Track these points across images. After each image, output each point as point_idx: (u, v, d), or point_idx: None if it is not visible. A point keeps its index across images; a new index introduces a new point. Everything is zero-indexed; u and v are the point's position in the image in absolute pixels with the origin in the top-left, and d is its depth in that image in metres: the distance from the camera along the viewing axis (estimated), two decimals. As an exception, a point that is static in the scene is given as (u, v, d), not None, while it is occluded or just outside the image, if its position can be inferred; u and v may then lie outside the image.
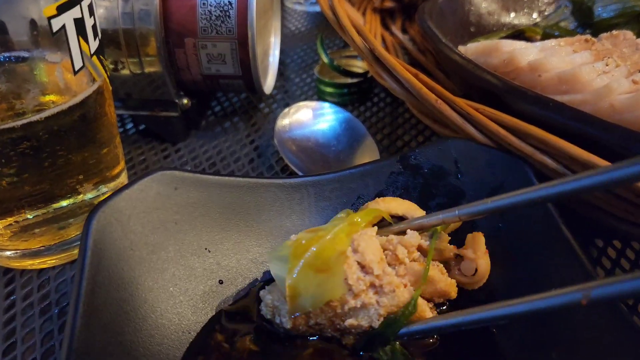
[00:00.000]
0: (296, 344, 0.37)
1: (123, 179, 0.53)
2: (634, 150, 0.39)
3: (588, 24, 0.71)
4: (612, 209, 0.42)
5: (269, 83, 0.69)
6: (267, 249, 0.43)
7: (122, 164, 0.52)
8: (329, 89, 0.71)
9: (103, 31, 0.56)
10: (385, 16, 0.83)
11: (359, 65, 0.75)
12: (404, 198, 0.44)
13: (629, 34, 0.59)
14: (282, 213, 0.44)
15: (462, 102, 0.47)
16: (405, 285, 0.36)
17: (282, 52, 0.81)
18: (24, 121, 0.39)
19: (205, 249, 0.42)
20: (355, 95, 0.72)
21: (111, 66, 0.59)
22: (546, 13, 0.74)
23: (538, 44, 0.55)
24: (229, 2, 0.57)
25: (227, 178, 0.44)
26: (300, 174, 0.53)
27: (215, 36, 0.58)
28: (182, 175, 0.43)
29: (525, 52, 0.52)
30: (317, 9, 1.03)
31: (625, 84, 0.48)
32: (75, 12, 0.41)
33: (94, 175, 0.47)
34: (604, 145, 0.41)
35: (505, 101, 0.46)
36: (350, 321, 0.35)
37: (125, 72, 0.59)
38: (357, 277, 0.35)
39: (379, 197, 0.44)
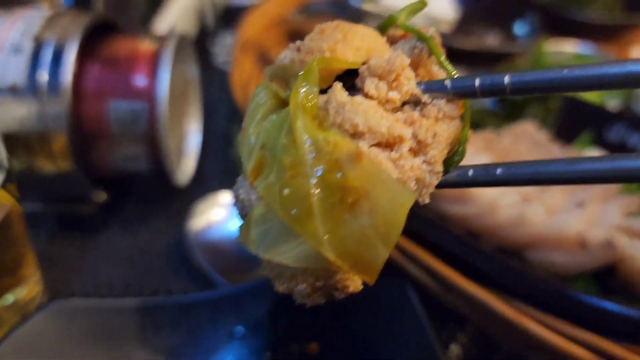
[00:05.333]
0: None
1: (35, 287, 0.56)
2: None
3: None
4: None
5: (187, 170, 0.74)
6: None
7: (32, 273, 0.56)
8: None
9: (15, 135, 0.60)
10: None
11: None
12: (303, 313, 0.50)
13: (529, 128, 0.65)
14: (181, 337, 0.49)
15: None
16: (437, 119, 0.31)
17: (206, 120, 0.84)
18: None
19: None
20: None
21: (23, 167, 0.62)
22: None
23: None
24: (140, 106, 0.61)
25: (121, 301, 0.49)
26: (217, 279, 0.58)
27: (127, 138, 0.62)
28: (78, 304, 0.48)
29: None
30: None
31: (512, 197, 0.54)
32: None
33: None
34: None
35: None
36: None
37: (40, 172, 0.63)
38: (395, 164, 0.30)
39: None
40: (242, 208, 0.32)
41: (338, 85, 0.30)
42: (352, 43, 0.32)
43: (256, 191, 0.30)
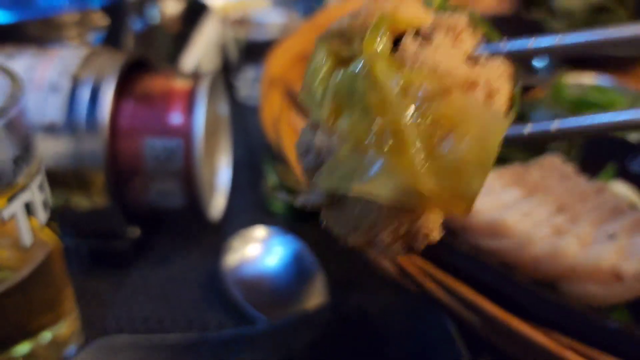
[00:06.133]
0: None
1: (73, 324, 0.57)
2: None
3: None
4: None
5: (219, 205, 0.75)
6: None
7: (71, 309, 0.57)
8: (279, 207, 0.78)
9: (52, 171, 0.62)
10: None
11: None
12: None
13: (557, 161, 0.67)
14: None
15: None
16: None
17: (234, 155, 0.86)
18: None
19: None
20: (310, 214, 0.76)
21: (59, 203, 0.64)
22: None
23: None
24: (176, 144, 0.63)
25: (163, 337, 0.50)
26: (255, 314, 0.60)
27: (162, 175, 0.64)
28: (120, 341, 0.49)
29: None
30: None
31: (543, 230, 0.55)
32: (26, 197, 0.46)
33: (38, 328, 0.52)
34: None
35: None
36: None
37: (75, 208, 0.64)
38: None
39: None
40: (318, 155, 0.32)
41: (410, 35, 0.31)
42: (409, 7, 0.34)
43: (339, 131, 0.31)
